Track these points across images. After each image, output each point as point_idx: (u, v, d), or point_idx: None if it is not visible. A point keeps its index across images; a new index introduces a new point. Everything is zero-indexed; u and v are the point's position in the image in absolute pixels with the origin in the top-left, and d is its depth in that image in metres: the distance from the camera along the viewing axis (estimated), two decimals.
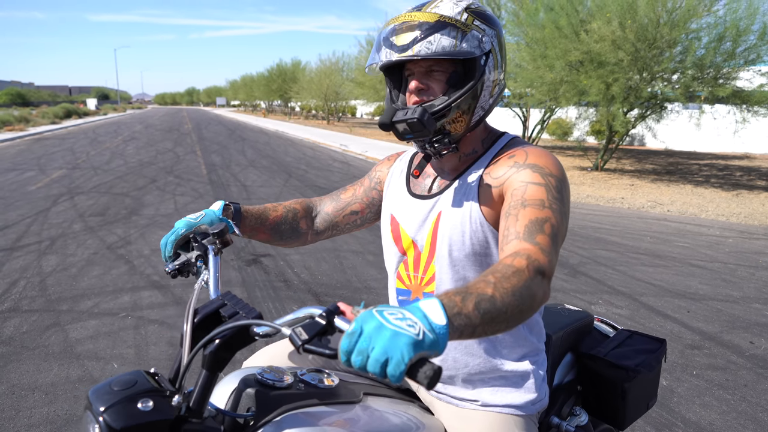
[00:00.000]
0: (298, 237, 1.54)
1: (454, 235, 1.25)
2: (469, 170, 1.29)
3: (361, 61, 28.04)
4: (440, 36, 1.15)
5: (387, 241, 1.41)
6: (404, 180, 1.42)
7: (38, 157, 14.49)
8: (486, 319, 0.87)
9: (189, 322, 0.96)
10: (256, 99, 64.87)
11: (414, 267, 1.34)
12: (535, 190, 1.15)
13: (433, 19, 1.16)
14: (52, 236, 6.08)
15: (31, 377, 3.02)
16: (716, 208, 8.87)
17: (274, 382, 1.06)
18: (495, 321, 0.89)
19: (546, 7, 12.29)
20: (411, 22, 1.17)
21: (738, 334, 3.83)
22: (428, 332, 0.77)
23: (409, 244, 1.34)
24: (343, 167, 13.38)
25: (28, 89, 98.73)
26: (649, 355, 1.61)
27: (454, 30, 1.16)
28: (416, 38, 1.15)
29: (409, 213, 1.35)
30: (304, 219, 1.54)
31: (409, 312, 0.79)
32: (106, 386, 0.90)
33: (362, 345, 0.76)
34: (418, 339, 0.75)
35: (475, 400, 1.30)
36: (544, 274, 1.01)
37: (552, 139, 22.79)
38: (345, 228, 1.57)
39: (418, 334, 0.75)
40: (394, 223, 1.39)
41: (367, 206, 1.54)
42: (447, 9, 1.19)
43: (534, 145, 1.29)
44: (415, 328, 0.76)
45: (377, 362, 0.74)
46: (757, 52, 10.30)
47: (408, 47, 1.16)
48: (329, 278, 4.80)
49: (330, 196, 1.59)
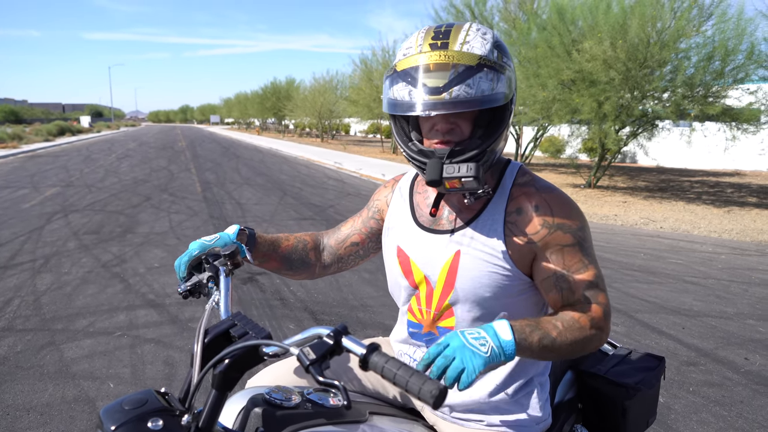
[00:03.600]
0: (306, 268, 1.53)
1: (480, 277, 1.23)
2: (487, 207, 1.26)
3: (355, 80, 28.19)
4: (479, 79, 1.08)
5: (395, 273, 1.39)
6: (408, 209, 1.39)
7: (32, 174, 14.45)
8: (542, 351, 1.11)
9: (200, 342, 0.97)
10: (250, 117, 65.04)
11: (426, 302, 1.32)
12: (572, 254, 1.22)
13: (473, 62, 1.09)
14: (46, 254, 6.05)
15: (26, 397, 2.99)
16: (708, 225, 8.95)
17: (281, 402, 1.07)
18: (548, 354, 1.13)
19: (538, 27, 12.47)
20: (446, 62, 1.09)
21: (733, 350, 3.86)
22: (496, 347, 1.02)
23: (422, 279, 1.32)
24: (338, 185, 13.41)
25: (22, 106, 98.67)
26: (649, 373, 1.62)
27: (491, 72, 1.10)
28: (454, 80, 1.08)
29: (421, 247, 1.31)
30: (313, 251, 1.54)
31: (484, 332, 1.04)
32: (117, 405, 0.91)
33: (449, 352, 0.99)
34: (486, 356, 1.00)
35: (480, 420, 1.30)
36: (602, 329, 1.20)
37: (545, 156, 22.95)
38: (349, 261, 1.55)
39: (487, 351, 1.00)
40: (402, 256, 1.36)
41: (366, 237, 1.53)
42: (480, 46, 1.12)
43: (544, 182, 1.29)
44: (485, 347, 1.01)
45: (456, 369, 0.97)
46: (745, 71, 10.47)
47: (443, 90, 1.08)
48: (325, 296, 4.79)
49: (333, 230, 1.59)
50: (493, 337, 1.02)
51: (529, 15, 13.75)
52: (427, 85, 1.09)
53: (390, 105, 1.17)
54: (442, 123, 1.16)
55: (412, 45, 1.18)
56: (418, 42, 1.17)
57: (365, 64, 25.99)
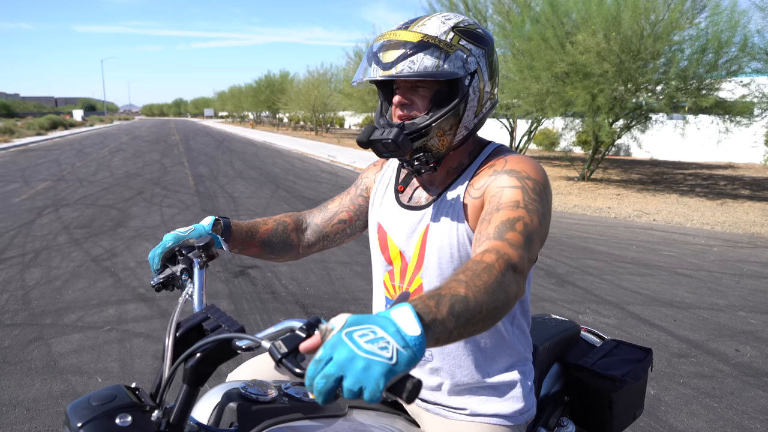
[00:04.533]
0: (289, 250, 1.53)
1: (442, 249, 1.25)
2: (454, 183, 1.29)
3: (349, 73, 28.13)
4: (423, 56, 1.15)
5: (374, 250, 1.41)
6: (393, 189, 1.41)
7: (23, 168, 14.34)
8: (461, 321, 0.84)
9: (171, 335, 0.95)
10: (244, 110, 64.81)
11: (400, 277, 1.34)
12: (510, 193, 1.14)
13: (416, 39, 1.17)
14: (36, 249, 6.00)
15: (13, 392, 2.97)
16: (701, 217, 8.97)
17: (257, 396, 1.04)
18: (470, 322, 0.86)
19: (532, 20, 12.44)
20: (397, 40, 1.18)
21: (724, 342, 3.86)
22: (402, 349, 0.72)
23: (397, 254, 1.34)
24: (332, 178, 13.37)
25: (14, 100, 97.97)
26: (636, 365, 1.61)
27: (437, 50, 1.16)
28: (400, 57, 1.16)
29: (398, 223, 1.34)
30: (295, 232, 1.53)
31: (380, 328, 0.74)
32: (84, 401, 0.88)
33: (329, 371, 0.71)
34: (391, 365, 0.71)
35: (463, 409, 1.29)
36: (516, 269, 0.98)
37: (539, 149, 22.97)
38: (335, 238, 1.56)
39: (392, 357, 0.71)
40: (381, 232, 1.38)
41: (354, 214, 1.54)
42: (433, 28, 1.19)
43: (518, 152, 1.30)
44: (388, 350, 0.72)
45: (350, 392, 0.71)
46: (738, 63, 10.49)
47: (392, 65, 1.17)
48: (317, 290, 4.77)
49: (318, 208, 1.59)
50: (395, 334, 0.74)
51: (522, 7, 13.70)
52: (382, 61, 1.19)
53: (355, 78, 1.28)
54: (398, 98, 1.23)
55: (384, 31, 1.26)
56: (388, 29, 1.26)
57: (359, 57, 25.91)
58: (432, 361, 1.30)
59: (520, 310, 1.33)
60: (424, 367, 1.31)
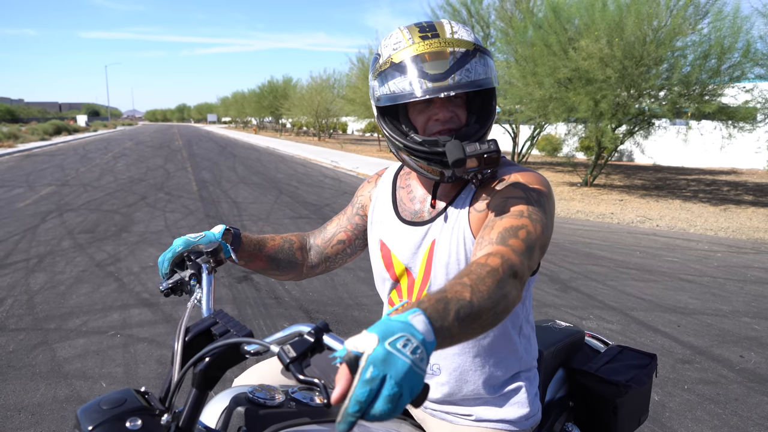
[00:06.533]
0: (293, 268, 1.52)
1: (450, 264, 1.23)
2: (459, 195, 1.27)
3: (352, 78, 28.15)
4: (475, 64, 1.13)
5: (378, 267, 1.39)
6: (391, 204, 1.40)
7: (27, 173, 14.40)
8: (463, 327, 0.84)
9: (180, 340, 0.96)
10: (248, 115, 64.95)
11: (408, 294, 1.32)
12: (515, 203, 1.14)
13: (470, 47, 1.14)
14: (40, 253, 6.02)
15: (18, 397, 2.97)
16: (704, 223, 8.95)
17: (264, 401, 1.05)
18: (470, 328, 0.86)
19: (535, 25, 12.46)
20: (444, 49, 1.12)
21: (728, 348, 3.85)
22: (427, 356, 0.72)
23: (402, 271, 1.33)
24: (335, 183, 13.39)
25: (18, 105, 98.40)
26: (640, 371, 1.61)
27: (483, 56, 1.15)
28: (453, 66, 1.11)
29: (401, 240, 1.33)
30: (300, 251, 1.53)
31: (412, 336, 0.71)
32: (94, 405, 0.89)
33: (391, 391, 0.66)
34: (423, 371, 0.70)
35: (469, 415, 1.29)
36: (517, 275, 0.98)
37: (542, 155, 22.95)
38: (337, 259, 1.54)
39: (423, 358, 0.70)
40: (384, 249, 1.37)
41: (352, 233, 1.52)
42: (467, 35, 1.17)
43: (522, 165, 1.29)
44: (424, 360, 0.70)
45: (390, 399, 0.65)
46: (741, 69, 10.48)
47: (446, 75, 1.11)
48: (320, 295, 4.78)
49: (319, 229, 1.58)
50: (423, 343, 0.72)
51: (525, 13, 13.73)
52: (429, 72, 1.11)
53: (389, 99, 1.17)
54: (443, 112, 1.18)
55: (401, 40, 1.18)
56: (406, 37, 1.18)
57: (362, 62, 25.95)
58: (439, 375, 1.29)
59: (525, 320, 1.34)
60: (431, 380, 1.30)
